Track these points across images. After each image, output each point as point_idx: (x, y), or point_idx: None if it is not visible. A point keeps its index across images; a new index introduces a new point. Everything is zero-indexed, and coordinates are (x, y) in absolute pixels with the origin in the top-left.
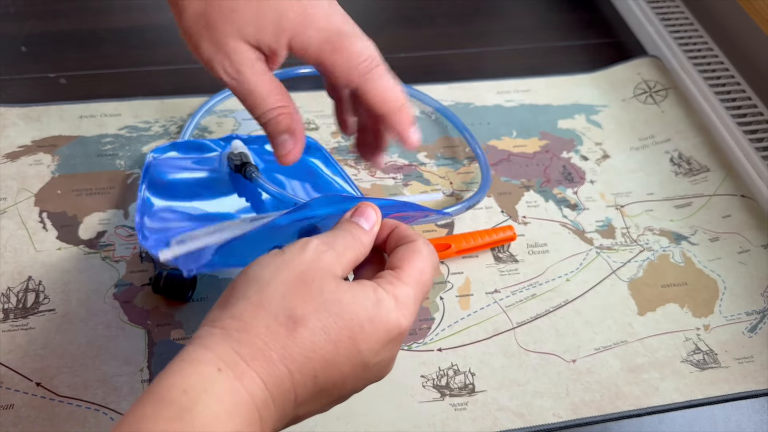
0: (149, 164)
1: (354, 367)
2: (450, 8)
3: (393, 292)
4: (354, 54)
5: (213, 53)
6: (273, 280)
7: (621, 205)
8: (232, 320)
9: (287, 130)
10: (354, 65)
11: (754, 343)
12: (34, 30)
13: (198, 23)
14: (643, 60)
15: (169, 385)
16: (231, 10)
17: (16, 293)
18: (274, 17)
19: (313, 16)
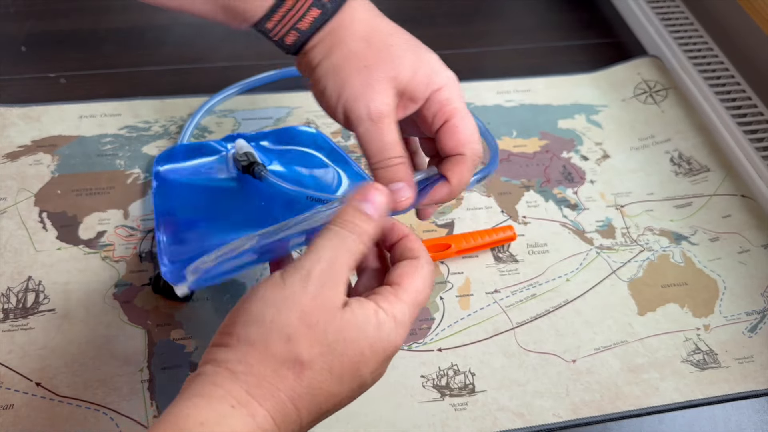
0: (157, 174)
1: (353, 389)
2: (450, 8)
3: (392, 312)
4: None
5: (361, 91)
6: (276, 321)
7: (621, 205)
8: (239, 364)
9: (404, 179)
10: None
11: (754, 343)
12: (34, 30)
13: (353, 61)
14: (643, 60)
15: (185, 416)
16: (396, 57)
17: (16, 293)
18: (428, 71)
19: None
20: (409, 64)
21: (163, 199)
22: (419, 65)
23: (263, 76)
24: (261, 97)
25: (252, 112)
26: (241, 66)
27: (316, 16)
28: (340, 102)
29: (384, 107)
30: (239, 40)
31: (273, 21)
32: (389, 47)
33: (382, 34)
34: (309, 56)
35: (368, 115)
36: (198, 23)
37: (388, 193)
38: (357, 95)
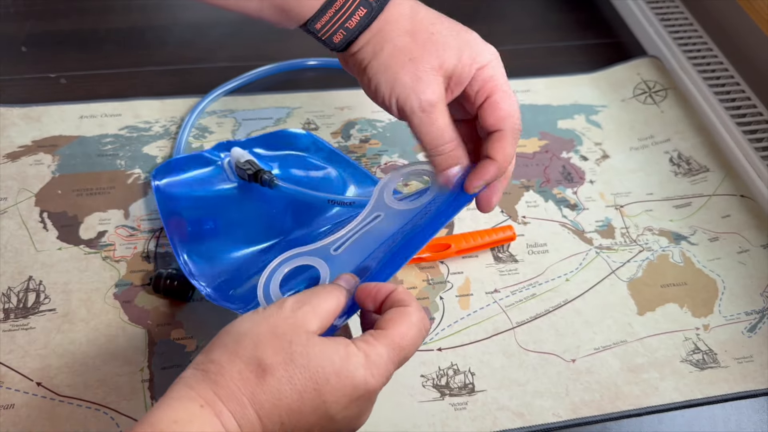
0: (157, 189)
1: (320, 418)
2: (450, 9)
3: (365, 350)
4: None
5: (411, 85)
6: (249, 331)
7: (620, 205)
8: (211, 364)
9: (460, 161)
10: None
11: (753, 343)
12: (34, 30)
13: (400, 57)
14: (642, 60)
15: (160, 417)
16: (440, 45)
17: (17, 293)
18: (471, 52)
19: (493, 57)
20: (453, 50)
21: (172, 216)
22: (462, 48)
23: (261, 69)
24: (261, 98)
25: (252, 112)
26: (242, 66)
27: (362, 15)
28: (393, 97)
29: (433, 97)
30: (240, 40)
31: (322, 21)
32: (432, 36)
33: (424, 25)
34: (358, 57)
35: (420, 107)
36: (198, 23)
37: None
38: (408, 89)
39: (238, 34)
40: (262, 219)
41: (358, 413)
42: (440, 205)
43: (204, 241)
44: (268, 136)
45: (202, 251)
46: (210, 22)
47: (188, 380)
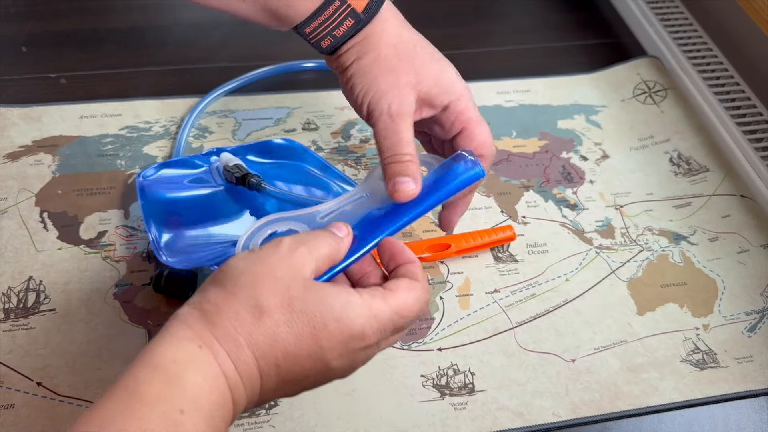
0: (142, 186)
1: (315, 363)
2: (449, 9)
3: (368, 301)
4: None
5: (386, 90)
6: (246, 271)
7: (620, 205)
8: (208, 304)
9: (412, 175)
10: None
11: (753, 343)
12: (34, 30)
13: (381, 65)
14: (642, 60)
15: (160, 354)
16: (420, 65)
17: (17, 293)
18: (447, 82)
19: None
20: (432, 74)
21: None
22: (440, 76)
23: (261, 71)
24: (261, 98)
25: (252, 112)
26: (242, 66)
27: (350, 25)
28: (366, 98)
29: (405, 107)
30: (240, 40)
31: (311, 27)
32: (415, 56)
33: (409, 44)
34: (341, 59)
35: (389, 112)
36: (199, 23)
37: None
38: (382, 94)
39: (239, 34)
40: (247, 222)
41: (352, 363)
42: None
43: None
44: (257, 144)
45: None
46: (211, 22)
47: (186, 319)
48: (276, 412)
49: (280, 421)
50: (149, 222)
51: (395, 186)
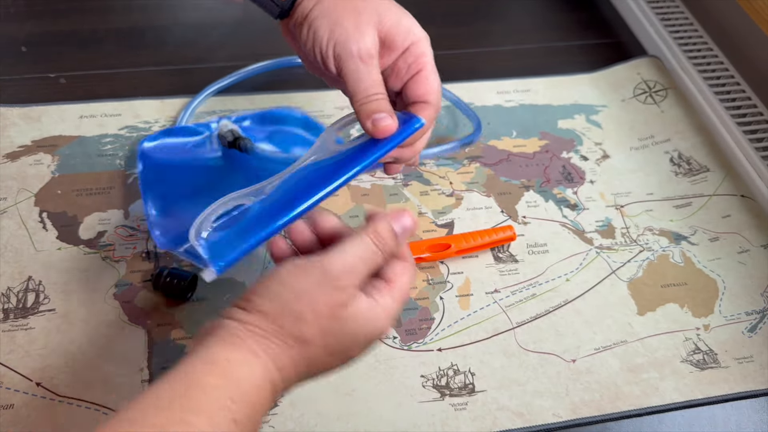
0: (143, 151)
1: (342, 362)
2: (449, 9)
3: (383, 305)
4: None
5: (352, 32)
6: (291, 304)
7: (621, 205)
8: (256, 327)
9: (387, 110)
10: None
11: (753, 343)
12: (34, 30)
13: (343, 5)
14: (642, 60)
15: (215, 353)
16: (380, 6)
17: (17, 293)
18: (408, 24)
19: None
20: (393, 15)
21: (150, 178)
22: (401, 17)
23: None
24: (260, 98)
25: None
26: (241, 66)
27: None
28: (331, 41)
29: (372, 49)
30: (240, 40)
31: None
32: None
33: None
34: (300, 9)
35: (358, 54)
36: (198, 23)
37: (415, 219)
38: (348, 36)
39: (238, 34)
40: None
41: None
42: (358, 147)
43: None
44: (263, 113)
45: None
46: (210, 22)
47: (234, 331)
48: (276, 412)
49: (280, 421)
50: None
51: (374, 123)
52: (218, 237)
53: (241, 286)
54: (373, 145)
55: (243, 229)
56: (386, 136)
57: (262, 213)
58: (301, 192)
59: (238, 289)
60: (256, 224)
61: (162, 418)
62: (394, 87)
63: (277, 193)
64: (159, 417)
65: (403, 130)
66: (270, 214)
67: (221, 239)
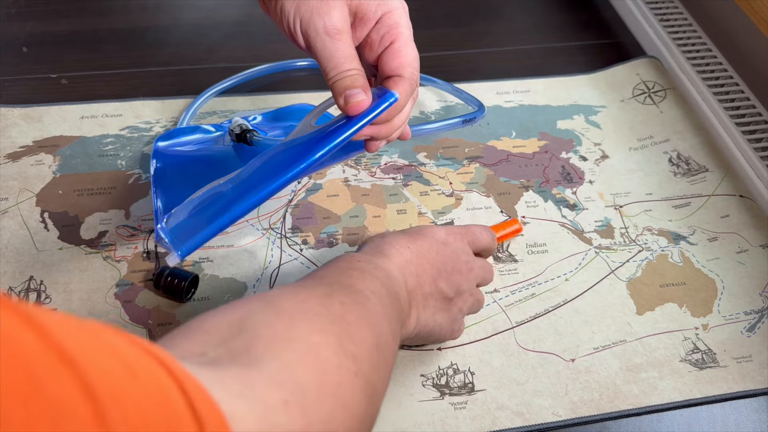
0: (156, 151)
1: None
2: (449, 9)
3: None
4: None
5: (317, 8)
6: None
7: (620, 205)
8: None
9: (361, 86)
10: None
11: (752, 343)
12: (35, 31)
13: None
14: (641, 60)
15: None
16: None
17: (18, 293)
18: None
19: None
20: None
21: (163, 174)
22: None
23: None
24: (261, 98)
25: (252, 113)
26: (242, 67)
27: None
28: (297, 18)
29: (340, 23)
30: (240, 41)
31: None
32: None
33: None
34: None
35: (325, 31)
36: (198, 24)
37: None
38: (312, 12)
39: (239, 34)
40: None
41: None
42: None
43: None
44: (276, 111)
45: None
46: (211, 22)
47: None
48: None
49: None
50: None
51: (346, 100)
52: (184, 222)
53: (242, 286)
54: (347, 123)
55: (210, 213)
56: (359, 112)
57: (230, 195)
58: (269, 173)
59: (239, 289)
60: (223, 207)
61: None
62: (369, 60)
63: (247, 174)
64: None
65: (376, 106)
66: (238, 197)
67: (187, 224)
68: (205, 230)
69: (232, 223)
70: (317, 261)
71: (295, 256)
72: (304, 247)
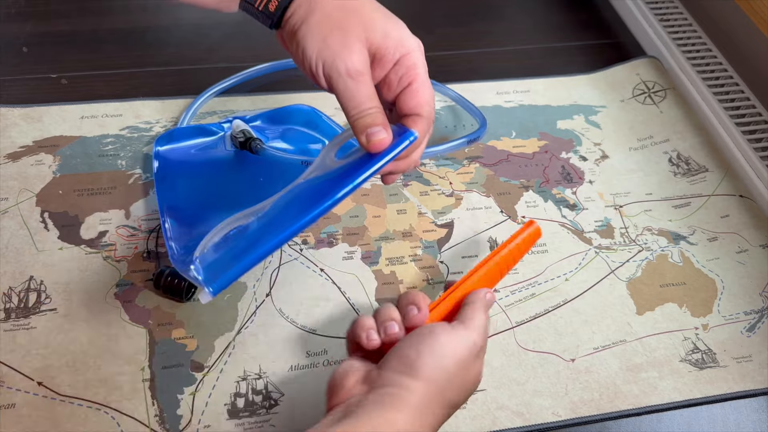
0: (158, 154)
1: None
2: (449, 9)
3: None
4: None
5: (338, 51)
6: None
7: (620, 205)
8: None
9: (382, 123)
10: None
11: (752, 343)
12: (35, 31)
13: (329, 24)
14: (641, 60)
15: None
16: (368, 19)
17: (18, 293)
18: (397, 35)
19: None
20: (380, 28)
21: (165, 181)
22: (389, 30)
23: (258, 68)
24: (261, 98)
25: (252, 112)
26: (242, 67)
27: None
28: (319, 61)
29: (360, 65)
30: (240, 41)
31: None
32: (361, 11)
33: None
34: (289, 24)
35: (347, 73)
36: (198, 24)
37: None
38: (335, 56)
39: (239, 34)
40: (250, 188)
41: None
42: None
43: (189, 209)
44: (274, 111)
45: (184, 219)
46: (211, 22)
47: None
48: (276, 411)
49: (280, 421)
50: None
51: (368, 138)
52: (214, 258)
53: (242, 286)
54: (368, 159)
55: (239, 249)
56: (381, 149)
57: (258, 232)
58: (296, 210)
59: (239, 289)
60: (251, 244)
61: None
62: (387, 98)
63: (274, 211)
64: None
65: (397, 144)
66: (265, 233)
67: (217, 261)
68: (234, 268)
69: (260, 261)
70: (317, 261)
71: (295, 256)
72: (304, 247)
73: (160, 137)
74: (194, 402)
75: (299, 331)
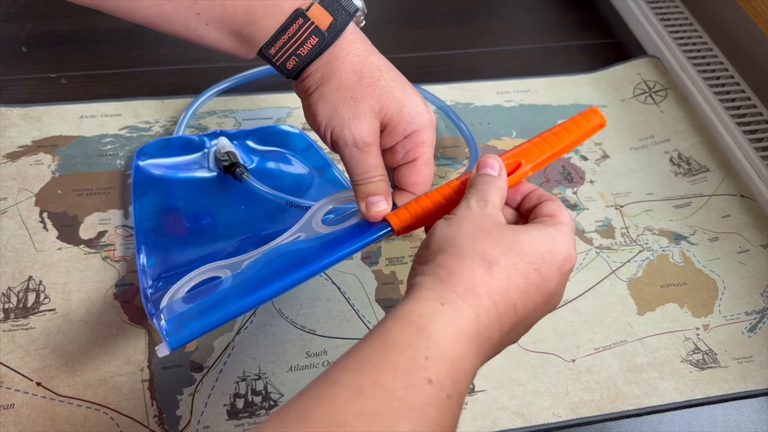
0: (137, 168)
1: (543, 295)
2: (450, 9)
3: (561, 229)
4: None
5: (347, 120)
6: (459, 233)
7: (620, 205)
8: (440, 268)
9: (383, 193)
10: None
11: (753, 343)
12: (34, 30)
13: (343, 92)
14: (642, 60)
15: (407, 311)
16: (383, 91)
17: (17, 293)
18: (412, 110)
19: (429, 123)
20: (395, 101)
21: (144, 198)
22: (404, 103)
23: (257, 70)
24: (261, 98)
25: (252, 112)
26: (241, 66)
27: (314, 43)
28: (329, 128)
29: (368, 137)
30: None
31: (276, 47)
32: (377, 82)
33: (372, 69)
34: (306, 83)
35: (354, 143)
36: None
37: (496, 157)
38: (343, 124)
39: None
40: (233, 213)
41: (564, 285)
42: (338, 234)
43: (167, 235)
44: (262, 129)
45: (161, 245)
46: None
47: (424, 284)
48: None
49: None
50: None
51: (368, 207)
52: (182, 310)
53: None
54: (354, 235)
55: (208, 305)
56: (379, 219)
57: (231, 290)
58: (273, 274)
59: None
60: (221, 302)
61: (360, 380)
62: (389, 165)
63: (250, 271)
64: (357, 379)
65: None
66: (237, 294)
67: (184, 313)
68: (198, 324)
69: (228, 321)
70: None
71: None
72: None
73: (140, 150)
74: (193, 403)
75: (299, 332)
